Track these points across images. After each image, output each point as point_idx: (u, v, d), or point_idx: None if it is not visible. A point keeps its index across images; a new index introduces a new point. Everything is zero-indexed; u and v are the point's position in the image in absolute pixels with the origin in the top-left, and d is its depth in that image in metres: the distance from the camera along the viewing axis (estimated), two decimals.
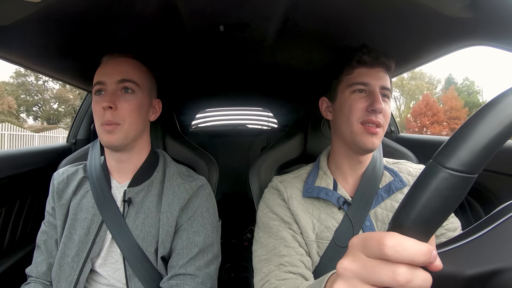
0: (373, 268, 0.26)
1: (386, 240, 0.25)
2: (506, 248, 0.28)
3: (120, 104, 0.69)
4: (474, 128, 0.26)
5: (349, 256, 0.29)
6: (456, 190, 0.26)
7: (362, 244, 0.28)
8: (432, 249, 0.26)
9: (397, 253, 0.25)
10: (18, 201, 1.08)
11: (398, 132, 1.54)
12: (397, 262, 0.25)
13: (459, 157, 0.25)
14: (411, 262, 0.25)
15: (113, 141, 0.70)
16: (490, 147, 0.25)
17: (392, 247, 0.25)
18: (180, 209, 0.73)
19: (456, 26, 0.66)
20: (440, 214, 0.26)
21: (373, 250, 0.26)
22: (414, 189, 0.27)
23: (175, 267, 0.70)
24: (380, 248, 0.25)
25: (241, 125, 2.80)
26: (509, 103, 0.26)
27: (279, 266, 0.62)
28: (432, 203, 0.26)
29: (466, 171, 0.25)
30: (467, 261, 0.28)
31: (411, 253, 0.25)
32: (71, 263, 0.71)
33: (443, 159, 0.26)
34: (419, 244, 0.25)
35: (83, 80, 1.19)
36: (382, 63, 0.68)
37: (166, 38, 0.87)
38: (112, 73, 0.71)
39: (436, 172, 0.26)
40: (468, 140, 0.26)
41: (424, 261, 0.25)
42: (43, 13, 0.63)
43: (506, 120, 0.25)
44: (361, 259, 0.27)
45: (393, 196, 0.70)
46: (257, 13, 0.71)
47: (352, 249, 0.29)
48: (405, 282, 0.24)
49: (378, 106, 0.64)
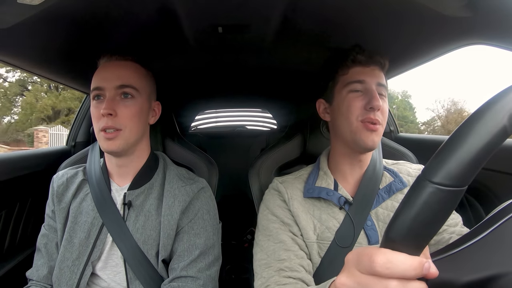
0: (367, 284, 0.27)
1: (376, 258, 0.26)
2: (502, 253, 0.28)
3: (120, 110, 0.68)
4: (460, 141, 0.26)
5: (346, 272, 0.30)
6: (445, 204, 0.26)
7: (356, 260, 0.29)
8: (423, 262, 0.26)
9: (388, 269, 0.26)
10: (18, 204, 1.08)
11: (398, 131, 1.54)
12: (388, 278, 0.26)
13: (446, 171, 0.26)
14: (402, 277, 0.26)
15: (114, 148, 0.69)
16: (477, 160, 0.25)
17: (382, 265, 0.26)
18: (181, 211, 0.73)
19: (454, 25, 0.67)
20: (431, 228, 0.27)
21: (365, 267, 0.28)
22: (404, 204, 0.27)
23: (176, 270, 0.70)
24: (371, 266, 0.27)
25: (241, 126, 2.80)
26: (493, 114, 0.25)
27: (279, 271, 0.62)
28: (422, 218, 0.26)
29: (454, 184, 0.25)
30: (463, 268, 0.28)
31: (402, 269, 0.26)
32: (72, 267, 0.70)
33: (430, 174, 0.26)
34: (409, 259, 0.26)
35: (82, 83, 1.19)
36: (376, 61, 0.69)
37: (165, 39, 0.87)
38: (111, 78, 0.70)
39: (425, 187, 0.26)
40: (454, 154, 0.26)
41: (416, 275, 0.26)
42: (42, 16, 0.63)
43: (492, 131, 0.25)
44: (355, 275, 0.29)
45: (393, 197, 0.70)
46: (255, 14, 0.71)
47: (348, 264, 0.30)
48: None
49: (376, 103, 0.64)
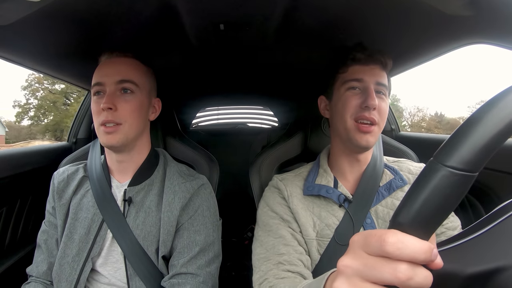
0: (374, 265, 0.26)
1: (387, 237, 0.25)
2: (507, 246, 0.28)
3: (120, 105, 0.69)
4: (474, 127, 0.26)
5: (350, 254, 0.29)
6: (456, 188, 0.26)
7: (363, 242, 0.28)
8: (433, 247, 0.25)
9: (398, 250, 0.25)
10: (19, 201, 1.08)
11: (399, 130, 1.53)
12: (398, 259, 0.25)
13: (459, 155, 0.25)
14: (412, 260, 0.25)
15: (114, 142, 0.69)
16: (490, 146, 0.25)
17: (393, 244, 0.25)
18: (181, 208, 0.73)
19: (456, 24, 0.66)
20: (441, 213, 0.26)
21: (374, 247, 0.26)
22: (414, 187, 0.27)
23: (176, 266, 0.70)
24: (381, 245, 0.25)
25: (242, 123, 2.79)
26: (509, 101, 0.25)
27: (278, 265, 0.62)
28: (432, 201, 0.26)
29: (467, 169, 0.25)
30: (467, 260, 0.28)
31: (412, 251, 0.25)
32: (72, 263, 0.71)
33: (443, 157, 0.26)
34: (420, 242, 0.25)
35: (83, 79, 1.19)
36: (376, 60, 0.68)
37: (167, 37, 0.87)
38: (111, 74, 0.70)
39: (437, 170, 0.26)
40: (468, 138, 0.26)
41: (425, 259, 0.25)
42: (42, 13, 0.63)
43: (506, 119, 0.25)
44: (362, 256, 0.27)
45: (393, 194, 0.70)
46: (257, 12, 0.71)
47: (353, 246, 0.29)
48: (406, 279, 0.24)
49: (371, 102, 0.64)
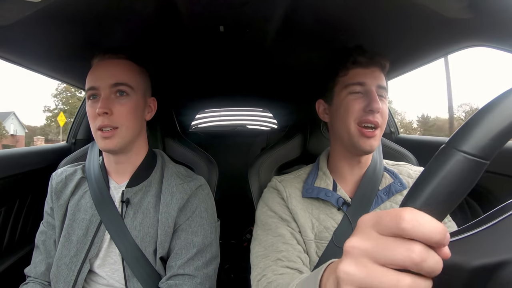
0: (387, 246, 0.24)
1: (403, 214, 0.24)
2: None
3: (115, 108, 0.68)
4: (490, 114, 0.27)
5: (359, 234, 0.27)
6: (469, 174, 0.26)
7: (375, 221, 0.26)
8: (446, 229, 0.24)
9: (414, 227, 0.23)
10: (18, 201, 1.08)
11: (398, 133, 1.53)
12: (413, 238, 0.24)
13: (474, 141, 0.26)
14: (427, 239, 0.24)
15: (112, 146, 0.69)
16: (505, 134, 0.26)
17: (410, 221, 0.24)
18: (178, 209, 0.73)
19: (455, 27, 0.66)
20: (452, 197, 0.27)
21: (388, 226, 0.25)
22: (427, 170, 0.27)
23: (174, 268, 0.70)
24: (398, 221, 0.24)
25: (241, 125, 2.80)
26: None
27: (276, 261, 0.62)
28: (445, 186, 0.26)
29: (480, 155, 0.26)
30: (473, 252, 0.28)
31: (428, 229, 0.24)
32: (69, 264, 0.71)
33: (457, 142, 0.27)
34: (435, 222, 0.24)
35: (83, 80, 1.19)
36: (377, 63, 0.68)
37: (166, 38, 0.87)
38: (105, 77, 0.69)
39: (451, 154, 0.27)
40: (483, 126, 0.26)
41: (439, 240, 0.24)
42: (43, 13, 0.63)
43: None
44: (373, 236, 0.26)
45: (392, 198, 0.70)
46: (257, 13, 0.71)
47: (363, 226, 0.27)
48: (420, 261, 0.23)
49: (375, 106, 0.63)
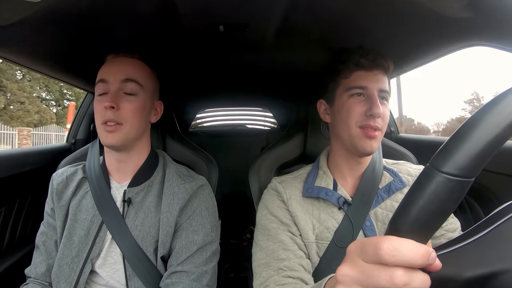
0: (371, 273, 0.26)
1: (382, 245, 0.26)
2: (504, 250, 0.28)
3: (123, 104, 0.69)
4: (470, 133, 0.26)
5: (348, 262, 0.29)
6: (453, 194, 0.26)
7: (360, 250, 0.28)
8: (431, 250, 0.26)
9: (394, 257, 0.25)
10: (18, 201, 1.08)
11: (398, 132, 1.54)
12: (394, 265, 0.25)
13: (455, 162, 0.25)
14: (409, 265, 0.25)
15: (114, 141, 0.69)
16: (486, 152, 0.25)
17: (388, 252, 0.25)
18: (179, 209, 0.73)
19: (455, 26, 0.66)
20: (438, 217, 0.27)
21: (370, 255, 0.27)
22: (411, 193, 0.27)
23: (173, 265, 0.71)
24: (377, 253, 0.26)
25: (241, 125, 2.80)
26: (505, 106, 0.25)
27: (278, 271, 0.62)
28: (429, 207, 0.26)
29: (462, 175, 0.25)
30: (465, 263, 0.28)
31: (408, 257, 0.25)
32: (71, 264, 0.71)
33: (439, 163, 0.26)
34: (416, 247, 0.26)
35: (83, 80, 1.19)
36: (380, 65, 0.67)
37: (166, 38, 0.87)
38: (116, 72, 0.71)
39: (433, 177, 0.26)
40: (464, 145, 0.26)
41: (422, 263, 0.25)
42: (43, 13, 0.63)
43: (502, 124, 0.25)
44: (359, 264, 0.28)
45: (393, 196, 0.70)
46: (256, 13, 0.71)
47: (350, 255, 0.29)
48: (402, 285, 0.25)
49: (376, 111, 0.63)
